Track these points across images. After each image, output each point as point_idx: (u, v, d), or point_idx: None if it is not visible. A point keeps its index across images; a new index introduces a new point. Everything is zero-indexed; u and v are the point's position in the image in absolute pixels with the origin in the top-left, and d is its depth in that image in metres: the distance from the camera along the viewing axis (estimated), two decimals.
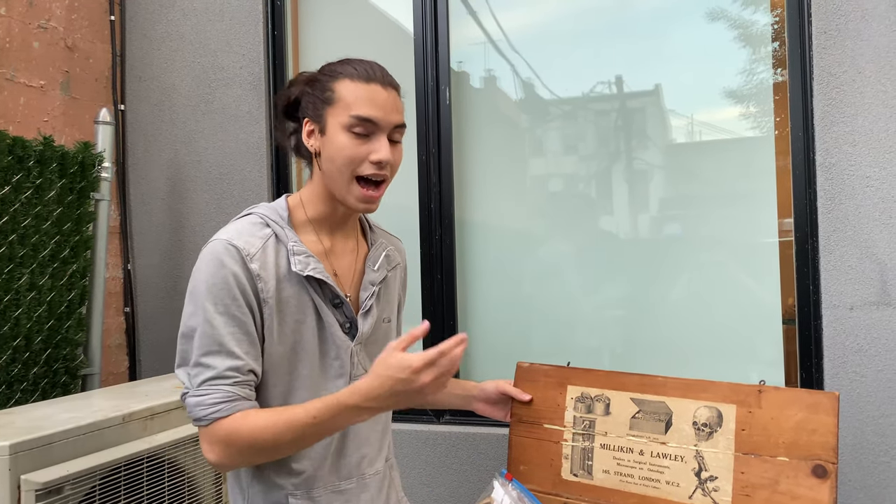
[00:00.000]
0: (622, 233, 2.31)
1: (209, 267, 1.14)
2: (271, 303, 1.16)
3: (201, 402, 1.11)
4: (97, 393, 2.10)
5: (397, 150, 1.22)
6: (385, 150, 1.17)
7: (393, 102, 1.19)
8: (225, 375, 1.11)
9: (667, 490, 1.31)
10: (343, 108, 1.17)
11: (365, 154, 1.17)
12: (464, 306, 2.44)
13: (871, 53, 1.93)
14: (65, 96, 2.50)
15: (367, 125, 1.16)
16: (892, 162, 1.91)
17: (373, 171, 1.17)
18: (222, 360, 1.12)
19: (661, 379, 1.31)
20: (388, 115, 1.18)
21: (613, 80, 2.33)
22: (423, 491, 2.31)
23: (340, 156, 1.17)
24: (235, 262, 1.13)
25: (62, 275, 2.23)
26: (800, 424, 1.18)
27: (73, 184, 2.25)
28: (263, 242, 1.17)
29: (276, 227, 1.20)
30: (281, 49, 2.60)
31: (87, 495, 1.55)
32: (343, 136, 1.17)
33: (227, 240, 1.15)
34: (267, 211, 1.23)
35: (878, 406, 1.91)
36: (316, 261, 1.20)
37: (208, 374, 1.11)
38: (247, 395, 1.13)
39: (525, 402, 1.47)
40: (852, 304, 1.94)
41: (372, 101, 1.17)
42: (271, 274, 1.16)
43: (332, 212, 1.25)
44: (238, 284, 1.13)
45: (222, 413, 1.10)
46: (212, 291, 1.13)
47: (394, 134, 1.20)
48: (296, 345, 1.19)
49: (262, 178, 2.54)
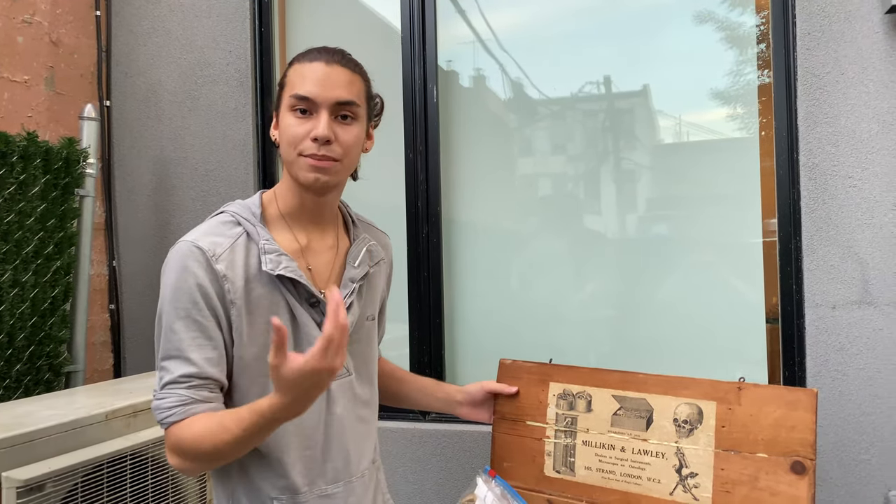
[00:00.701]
0: (610, 232, 2.32)
1: (173, 270, 1.13)
2: (239, 304, 1.14)
3: (159, 406, 1.11)
4: (80, 390, 2.08)
5: (348, 130, 1.18)
6: (322, 127, 1.13)
7: (336, 79, 1.16)
8: (178, 381, 1.11)
9: (648, 486, 1.32)
10: (288, 91, 1.17)
11: (305, 132, 1.15)
12: (450, 305, 2.45)
13: (854, 55, 1.95)
14: (49, 92, 2.48)
15: (305, 102, 1.15)
16: (873, 162, 1.93)
17: (312, 149, 1.14)
18: (179, 366, 1.11)
19: (642, 376, 1.32)
20: (327, 91, 1.15)
21: (602, 80, 2.34)
22: (408, 488, 2.31)
23: (285, 136, 1.17)
24: (199, 266, 1.12)
25: (46, 271, 2.21)
26: (779, 421, 1.19)
27: (57, 180, 2.24)
28: (232, 242, 1.16)
29: (248, 226, 1.18)
30: (268, 46, 2.59)
31: (70, 493, 1.53)
32: (287, 116, 1.16)
33: (192, 241, 1.14)
34: (239, 209, 1.21)
35: (859, 404, 1.93)
36: (289, 259, 1.17)
37: (167, 378, 1.11)
38: (204, 398, 1.11)
39: (513, 396, 1.48)
40: (834, 303, 1.96)
41: (310, 79, 1.15)
42: (239, 274, 1.14)
43: (302, 203, 1.23)
44: (200, 289, 1.12)
45: (176, 417, 1.09)
46: (175, 295, 1.12)
47: (339, 111, 1.17)
48: (269, 345, 1.17)
49: (248, 175, 2.54)
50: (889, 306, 1.91)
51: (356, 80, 1.20)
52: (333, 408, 1.23)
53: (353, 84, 1.19)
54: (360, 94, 1.20)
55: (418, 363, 2.38)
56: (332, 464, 1.23)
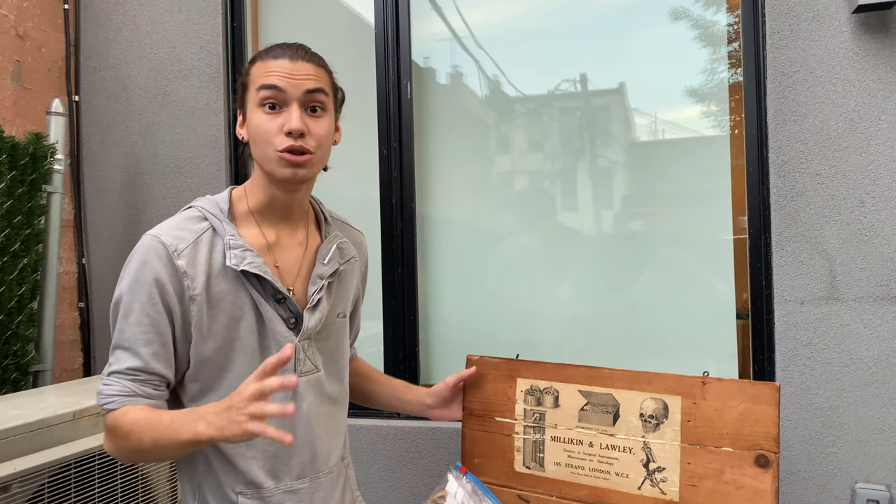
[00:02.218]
0: (585, 229, 2.34)
1: (134, 264, 1.15)
2: (199, 300, 1.14)
3: (102, 391, 1.14)
4: (48, 389, 2.05)
5: (319, 123, 1.18)
6: (295, 119, 1.13)
7: (303, 70, 1.16)
8: (125, 372, 1.13)
9: (616, 481, 1.33)
10: (253, 87, 1.17)
11: (277, 127, 1.14)
12: (424, 301, 2.44)
13: (822, 54, 1.97)
14: (16, 86, 2.43)
15: (273, 94, 1.14)
16: (841, 160, 1.96)
17: (287, 143, 1.14)
18: (128, 358, 1.13)
19: (607, 371, 1.33)
20: (295, 82, 1.15)
21: (578, 77, 2.34)
22: (383, 485, 2.31)
23: (256, 133, 1.16)
24: (159, 260, 1.13)
25: (12, 269, 2.17)
26: (742, 415, 1.21)
27: (23, 176, 2.20)
28: (196, 237, 1.16)
29: (215, 221, 1.18)
30: (240, 41, 2.56)
31: (37, 493, 1.51)
32: (257, 113, 1.16)
33: (156, 235, 1.15)
34: (207, 204, 1.21)
35: (827, 398, 1.96)
36: (254, 255, 1.17)
37: (114, 367, 1.14)
38: (147, 393, 1.14)
39: (481, 391, 1.48)
40: (803, 298, 1.99)
41: (277, 73, 1.15)
42: (201, 270, 1.14)
43: (272, 200, 1.23)
44: (157, 284, 1.12)
45: (115, 405, 1.12)
46: (132, 288, 1.14)
47: (310, 103, 1.17)
48: (232, 341, 1.17)
49: (220, 171, 2.51)
50: (856, 301, 1.94)
51: (321, 73, 1.20)
52: (300, 403, 1.23)
53: (319, 76, 1.19)
54: (326, 83, 1.21)
55: (392, 360, 2.38)
56: (298, 459, 1.23)
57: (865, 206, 1.94)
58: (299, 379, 1.22)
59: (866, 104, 1.94)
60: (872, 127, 1.93)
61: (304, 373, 1.23)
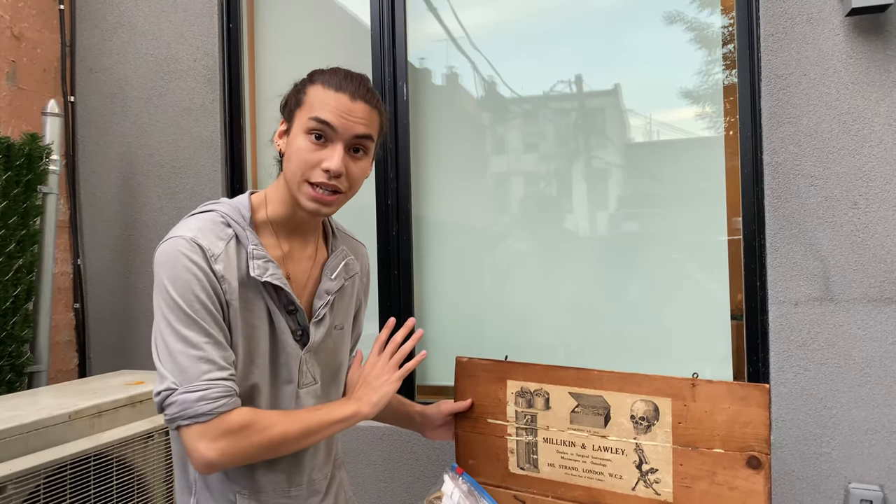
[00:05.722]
0: (580, 230, 2.34)
1: (176, 264, 1.08)
2: (234, 304, 1.13)
3: (205, 396, 1.05)
4: (44, 390, 2.05)
5: (358, 165, 1.18)
6: (336, 160, 1.13)
7: (359, 114, 1.15)
8: (223, 367, 1.09)
9: (611, 482, 1.33)
10: (307, 111, 1.15)
11: (317, 160, 1.14)
12: (420, 303, 2.45)
13: (816, 56, 1.98)
14: (11, 87, 2.43)
15: (324, 128, 1.13)
16: (834, 162, 1.97)
17: (322, 178, 1.14)
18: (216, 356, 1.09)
19: (596, 373, 1.33)
20: (348, 124, 1.14)
21: (573, 79, 2.35)
22: (378, 486, 2.31)
23: (296, 157, 1.15)
24: (202, 260, 1.09)
25: (8, 270, 2.17)
26: (733, 417, 1.21)
27: (19, 177, 2.20)
28: (226, 244, 1.14)
29: (238, 228, 1.17)
30: (236, 42, 2.56)
31: (31, 494, 1.51)
32: (301, 138, 1.15)
33: (191, 238, 1.10)
34: (229, 210, 1.19)
35: (820, 399, 1.97)
36: (275, 266, 1.17)
37: (205, 368, 1.07)
38: (237, 390, 1.11)
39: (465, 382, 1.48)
40: (797, 299, 1.99)
41: (333, 108, 1.14)
42: (234, 276, 1.13)
43: (292, 215, 1.22)
44: (209, 282, 1.09)
45: (227, 407, 1.07)
46: (182, 288, 1.08)
47: (355, 145, 1.17)
48: (251, 350, 1.17)
49: (216, 172, 2.51)
50: (849, 303, 1.95)
51: (374, 117, 1.19)
52: None
53: (372, 120, 1.19)
54: (376, 129, 1.20)
55: None
56: (295, 464, 1.25)
57: (859, 207, 1.94)
58: (300, 390, 1.23)
59: (860, 106, 1.95)
60: (866, 129, 1.94)
61: (304, 385, 1.23)
